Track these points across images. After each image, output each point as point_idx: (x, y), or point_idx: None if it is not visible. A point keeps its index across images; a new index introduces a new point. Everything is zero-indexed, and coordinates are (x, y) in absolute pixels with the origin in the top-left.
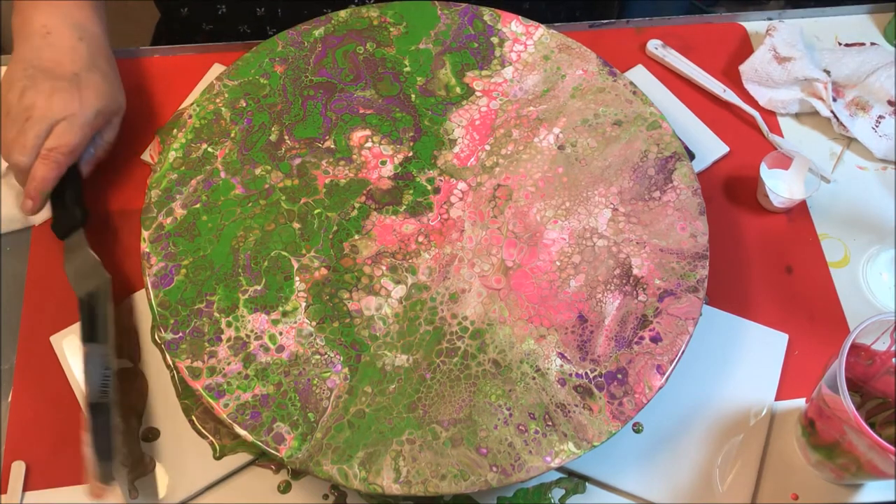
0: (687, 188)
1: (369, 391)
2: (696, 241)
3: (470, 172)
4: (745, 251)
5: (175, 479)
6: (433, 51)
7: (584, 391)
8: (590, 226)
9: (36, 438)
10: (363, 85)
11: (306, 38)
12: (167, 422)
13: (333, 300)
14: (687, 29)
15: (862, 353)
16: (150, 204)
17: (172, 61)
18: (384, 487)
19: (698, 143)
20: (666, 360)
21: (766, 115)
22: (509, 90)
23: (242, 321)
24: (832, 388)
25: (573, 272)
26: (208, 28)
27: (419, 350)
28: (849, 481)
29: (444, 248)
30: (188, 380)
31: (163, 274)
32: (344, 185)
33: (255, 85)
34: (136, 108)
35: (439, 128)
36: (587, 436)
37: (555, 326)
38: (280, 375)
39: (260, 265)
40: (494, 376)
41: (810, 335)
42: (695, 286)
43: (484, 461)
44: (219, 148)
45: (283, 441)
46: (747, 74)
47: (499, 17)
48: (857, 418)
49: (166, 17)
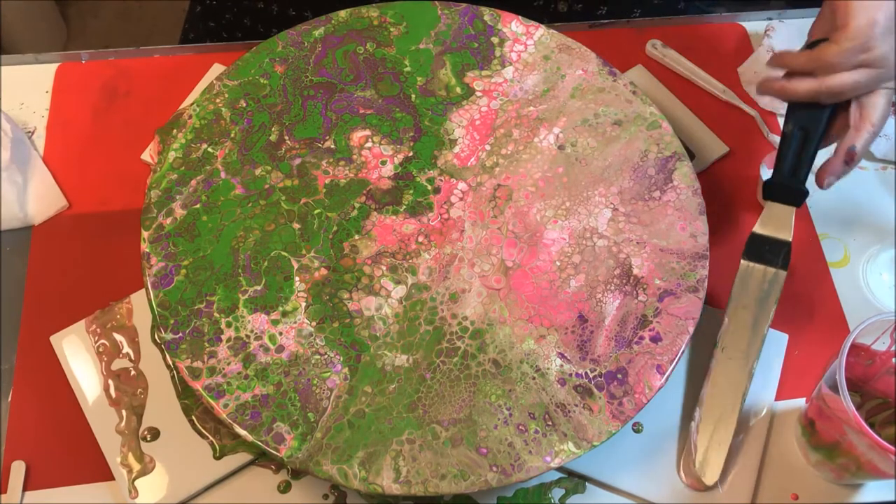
0: (687, 188)
1: (369, 391)
2: (696, 241)
3: (470, 172)
4: None
5: (175, 479)
6: (433, 51)
7: (584, 391)
8: (590, 226)
9: (36, 438)
10: (363, 85)
11: (306, 38)
12: (167, 422)
13: (333, 300)
14: (687, 29)
15: (862, 353)
16: (150, 204)
17: (172, 61)
18: (384, 487)
19: (698, 143)
20: (666, 360)
21: (766, 115)
22: (509, 90)
23: (242, 321)
24: (832, 388)
25: (573, 272)
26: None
27: (419, 350)
28: (849, 481)
29: (444, 248)
30: (188, 380)
31: (163, 274)
32: (344, 185)
33: (255, 85)
34: (136, 108)
35: (439, 128)
36: (587, 436)
37: (555, 326)
38: (280, 375)
39: (260, 265)
40: (494, 376)
41: (810, 335)
42: (695, 286)
43: (484, 461)
44: (219, 148)
45: (283, 441)
46: (746, 76)
47: (499, 17)
48: (857, 418)
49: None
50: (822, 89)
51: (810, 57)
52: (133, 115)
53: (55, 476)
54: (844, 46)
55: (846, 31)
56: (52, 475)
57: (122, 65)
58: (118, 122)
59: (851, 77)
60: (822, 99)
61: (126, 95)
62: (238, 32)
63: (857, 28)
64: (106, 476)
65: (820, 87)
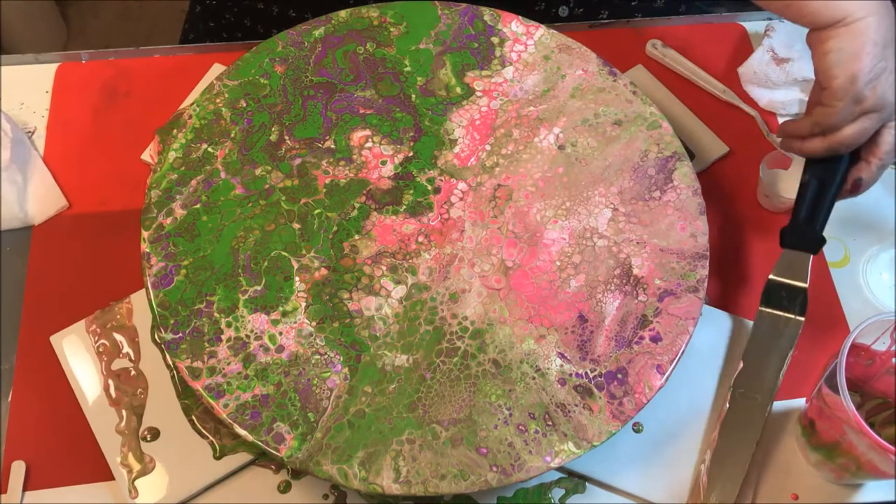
0: (687, 188)
1: (369, 391)
2: (696, 241)
3: (470, 172)
4: (745, 251)
5: (175, 479)
6: (433, 51)
7: (584, 391)
8: (590, 226)
9: (36, 438)
10: (363, 85)
11: (306, 38)
12: (167, 422)
13: (333, 300)
14: (687, 29)
15: (862, 353)
16: (150, 204)
17: (172, 61)
18: (384, 487)
19: (698, 143)
20: (666, 360)
21: (765, 115)
22: (509, 90)
23: (242, 321)
24: (832, 388)
25: (573, 272)
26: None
27: (419, 350)
28: (849, 481)
29: (444, 248)
30: (188, 380)
31: (163, 274)
32: (344, 185)
33: (255, 85)
34: (136, 108)
35: (440, 128)
36: (587, 436)
37: (555, 326)
38: (280, 375)
39: (260, 265)
40: (494, 376)
41: (810, 335)
42: (695, 286)
43: (484, 461)
44: (219, 148)
45: (283, 441)
46: (746, 76)
47: (499, 17)
48: (857, 418)
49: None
50: (833, 146)
51: (813, 122)
52: (133, 115)
53: (55, 476)
54: (836, 107)
55: (830, 93)
56: (52, 475)
57: (122, 65)
58: (118, 122)
59: (856, 128)
60: (839, 152)
61: (126, 95)
62: (238, 33)
63: (841, 88)
64: (106, 476)
65: (832, 144)
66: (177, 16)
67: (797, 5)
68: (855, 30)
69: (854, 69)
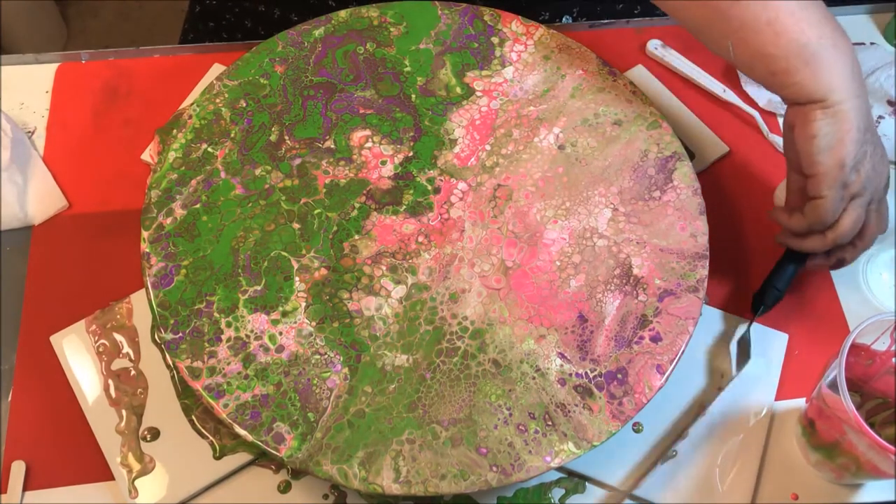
0: (687, 188)
1: (369, 391)
2: (696, 241)
3: (470, 172)
4: (745, 251)
5: (175, 479)
6: (433, 51)
7: (584, 391)
8: (590, 225)
9: (36, 438)
10: (363, 85)
11: (306, 38)
12: (167, 422)
13: (333, 300)
14: None
15: (862, 353)
16: (150, 204)
17: (172, 61)
18: (384, 487)
19: (698, 143)
20: (666, 360)
21: (766, 115)
22: (509, 90)
23: (242, 321)
24: (832, 388)
25: (573, 272)
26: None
27: (419, 350)
28: (849, 481)
29: (444, 248)
30: (188, 380)
31: (163, 274)
32: (344, 185)
33: (255, 85)
34: (136, 108)
35: (440, 128)
36: (587, 436)
37: (555, 326)
38: (280, 375)
39: (260, 265)
40: (494, 376)
41: (810, 335)
42: (695, 286)
43: (484, 461)
44: (219, 148)
45: (283, 441)
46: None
47: (499, 16)
48: (857, 418)
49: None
50: (834, 240)
51: (808, 220)
52: (133, 115)
53: (55, 476)
54: (827, 197)
55: (818, 181)
56: (52, 475)
57: (122, 65)
58: (118, 122)
59: (852, 218)
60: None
61: (126, 95)
62: (238, 33)
63: (829, 175)
64: (106, 476)
65: (834, 241)
66: (177, 16)
67: (784, 75)
68: (841, 114)
69: (840, 155)
